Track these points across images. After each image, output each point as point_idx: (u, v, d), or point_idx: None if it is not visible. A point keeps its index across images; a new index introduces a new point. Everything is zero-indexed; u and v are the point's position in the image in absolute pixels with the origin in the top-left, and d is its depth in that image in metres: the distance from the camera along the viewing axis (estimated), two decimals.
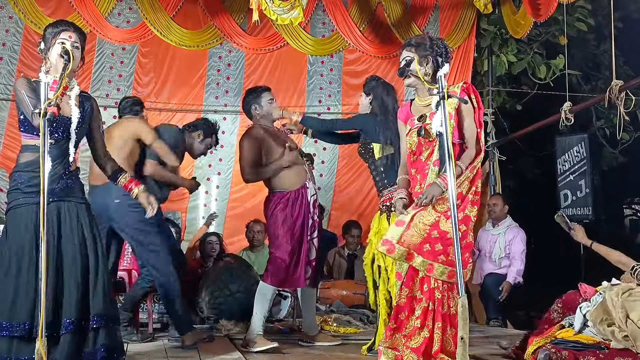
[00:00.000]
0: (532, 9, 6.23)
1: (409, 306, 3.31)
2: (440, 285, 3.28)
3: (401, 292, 3.34)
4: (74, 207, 3.15)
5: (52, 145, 3.06)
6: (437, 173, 3.34)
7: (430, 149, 3.39)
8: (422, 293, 3.31)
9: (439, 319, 3.25)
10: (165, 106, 7.37)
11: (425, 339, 3.23)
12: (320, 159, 7.65)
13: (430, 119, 3.36)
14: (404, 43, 3.60)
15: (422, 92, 3.49)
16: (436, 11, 7.65)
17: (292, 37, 7.37)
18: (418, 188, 3.40)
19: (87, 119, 3.22)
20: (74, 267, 3.06)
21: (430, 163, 3.39)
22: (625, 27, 7.80)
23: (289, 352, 4.22)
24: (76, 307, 3.00)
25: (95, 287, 3.07)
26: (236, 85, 7.53)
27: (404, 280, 3.34)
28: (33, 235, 3.00)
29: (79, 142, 3.23)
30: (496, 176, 7.43)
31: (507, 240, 6.26)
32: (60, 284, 3.02)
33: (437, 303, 3.27)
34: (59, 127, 3.10)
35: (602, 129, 7.90)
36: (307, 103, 7.64)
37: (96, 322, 3.03)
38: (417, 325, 3.26)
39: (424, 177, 3.39)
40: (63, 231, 3.10)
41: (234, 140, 7.55)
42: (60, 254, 3.06)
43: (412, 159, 3.48)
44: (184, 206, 7.29)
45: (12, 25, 6.92)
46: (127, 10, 7.23)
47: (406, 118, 3.55)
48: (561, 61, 7.27)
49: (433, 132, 3.31)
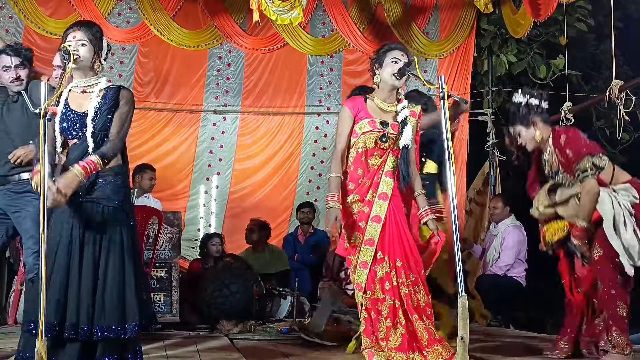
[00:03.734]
0: (532, 9, 6.24)
1: (374, 308, 3.38)
2: (405, 280, 3.34)
3: (365, 296, 3.42)
4: (101, 210, 3.02)
5: (75, 145, 3.05)
6: (390, 185, 3.43)
7: (383, 158, 3.46)
8: (383, 293, 3.37)
9: (412, 312, 3.32)
10: (165, 106, 7.37)
11: (403, 336, 3.30)
12: (319, 159, 7.66)
13: (392, 128, 3.45)
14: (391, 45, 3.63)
15: (390, 95, 3.53)
16: (436, 11, 7.65)
17: (292, 37, 7.37)
18: (370, 196, 3.45)
19: (106, 108, 3.08)
20: (89, 273, 2.96)
21: (382, 173, 3.46)
22: (625, 27, 7.81)
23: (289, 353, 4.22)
24: (85, 313, 2.92)
25: (102, 296, 2.95)
26: (236, 85, 7.54)
27: (364, 288, 3.42)
28: (67, 235, 2.97)
29: (103, 133, 3.06)
30: (496, 176, 7.43)
31: (502, 239, 6.26)
32: (73, 287, 2.94)
33: (405, 298, 3.34)
34: (74, 124, 3.05)
35: (602, 129, 7.89)
36: (307, 103, 7.65)
37: (99, 333, 2.92)
38: (388, 325, 3.33)
39: (376, 186, 3.46)
40: (87, 234, 2.99)
41: (234, 140, 7.57)
42: (82, 257, 2.98)
43: (361, 158, 3.51)
44: (183, 205, 7.30)
45: (12, 25, 6.92)
46: (127, 10, 7.23)
47: (358, 114, 3.54)
48: (561, 61, 7.27)
49: (401, 144, 3.41)
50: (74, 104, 3.12)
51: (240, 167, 7.60)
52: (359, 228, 3.43)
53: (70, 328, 2.90)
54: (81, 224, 3.00)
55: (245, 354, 4.10)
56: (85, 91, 3.12)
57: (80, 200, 3.00)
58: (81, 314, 2.92)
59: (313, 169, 7.67)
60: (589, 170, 3.54)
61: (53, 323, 2.87)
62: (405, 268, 3.37)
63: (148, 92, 7.29)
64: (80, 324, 2.91)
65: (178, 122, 7.43)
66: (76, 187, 2.88)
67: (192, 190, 7.47)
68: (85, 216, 3.00)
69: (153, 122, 7.32)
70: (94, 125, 3.04)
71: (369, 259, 3.39)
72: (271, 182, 7.58)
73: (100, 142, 3.04)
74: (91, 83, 3.14)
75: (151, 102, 7.27)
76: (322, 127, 7.69)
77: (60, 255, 2.96)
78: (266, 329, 5.15)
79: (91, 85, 3.13)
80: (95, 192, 3.04)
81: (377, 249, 3.38)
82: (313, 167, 7.66)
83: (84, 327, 2.91)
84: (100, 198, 3.03)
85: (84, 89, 3.13)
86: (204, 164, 7.51)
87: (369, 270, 3.38)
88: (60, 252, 2.96)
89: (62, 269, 2.94)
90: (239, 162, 7.59)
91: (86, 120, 3.03)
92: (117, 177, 3.10)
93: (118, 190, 3.08)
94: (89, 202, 3.02)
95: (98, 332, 2.92)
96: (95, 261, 2.98)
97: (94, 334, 2.92)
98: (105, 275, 2.98)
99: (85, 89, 3.13)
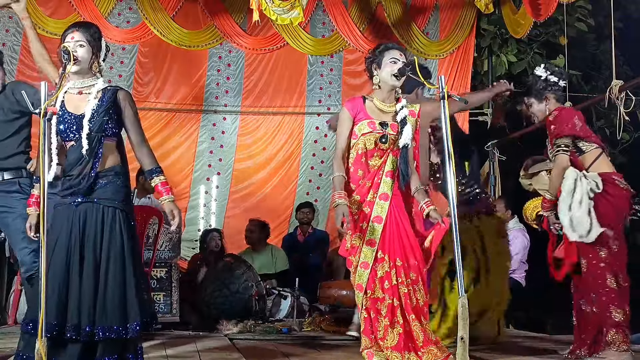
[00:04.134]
0: (532, 9, 6.24)
1: (373, 307, 3.37)
2: (404, 280, 3.34)
3: (365, 296, 3.40)
4: (101, 210, 2.99)
5: (73, 147, 3.03)
6: (390, 185, 3.42)
7: (383, 159, 3.45)
8: (383, 292, 3.37)
9: (410, 312, 3.31)
10: (165, 106, 7.37)
11: (400, 335, 3.30)
12: (319, 158, 7.67)
13: (392, 128, 3.44)
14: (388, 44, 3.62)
15: (389, 96, 3.52)
16: (436, 11, 7.65)
17: (292, 37, 7.37)
18: (371, 197, 3.44)
19: (103, 109, 3.04)
20: (90, 273, 2.94)
21: (382, 173, 3.45)
22: (625, 27, 7.81)
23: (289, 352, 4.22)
24: (86, 314, 2.90)
25: (104, 297, 2.94)
26: (236, 85, 7.54)
27: (365, 289, 3.40)
28: (66, 234, 2.96)
29: (100, 135, 3.03)
30: (496, 176, 7.43)
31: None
32: (74, 287, 2.93)
33: (404, 297, 3.33)
34: (71, 127, 3.03)
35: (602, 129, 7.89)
36: (307, 103, 7.66)
37: (101, 334, 2.91)
38: (386, 324, 3.33)
39: (377, 187, 3.45)
40: (87, 234, 2.98)
41: (234, 140, 7.57)
42: (82, 257, 2.96)
43: (362, 159, 3.50)
44: (184, 206, 7.30)
45: (12, 25, 6.93)
46: (127, 10, 7.24)
47: (357, 115, 3.52)
48: (561, 61, 7.27)
49: (400, 144, 3.39)
50: (71, 106, 3.07)
51: (241, 167, 7.60)
52: (359, 229, 3.43)
53: (71, 329, 2.88)
54: (81, 224, 2.98)
55: (245, 354, 4.10)
56: (82, 92, 3.09)
57: (80, 201, 2.99)
58: (82, 314, 2.90)
59: (313, 169, 7.67)
60: (563, 147, 3.69)
61: (53, 323, 2.85)
62: (405, 267, 3.37)
63: (148, 92, 7.30)
64: (82, 324, 2.89)
65: (178, 122, 7.43)
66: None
67: (193, 190, 7.48)
68: (85, 216, 2.99)
69: (153, 122, 7.32)
70: (90, 127, 3.00)
71: (370, 260, 3.38)
72: (271, 182, 7.58)
73: (96, 144, 3.01)
74: (88, 84, 3.10)
75: (151, 102, 7.28)
76: (322, 127, 7.69)
77: (59, 254, 2.95)
78: (266, 329, 5.15)
79: (88, 87, 3.10)
80: (96, 192, 3.02)
81: (377, 248, 3.38)
82: (313, 167, 7.67)
83: (85, 328, 2.89)
84: (100, 198, 3.01)
85: (81, 90, 3.10)
86: (204, 164, 7.51)
87: (369, 271, 3.38)
88: (59, 252, 2.95)
89: (61, 269, 2.93)
90: (239, 162, 7.60)
91: (83, 122, 3.00)
92: (118, 177, 3.08)
93: (118, 190, 3.07)
94: (89, 202, 3.00)
95: (100, 332, 2.90)
96: (96, 261, 2.96)
97: (95, 335, 2.90)
98: (107, 275, 2.96)
99: (82, 90, 3.10)
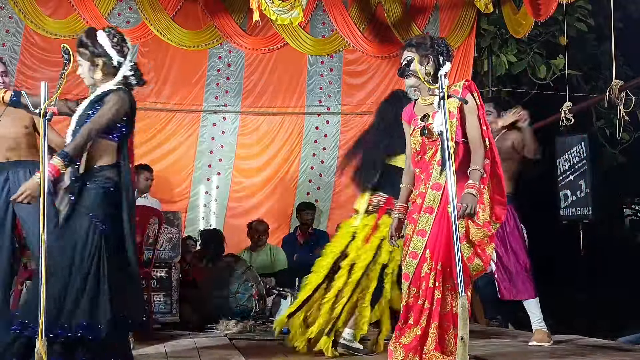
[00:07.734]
0: (533, 9, 6.23)
1: (415, 305, 3.29)
2: (441, 285, 3.27)
3: (409, 292, 3.31)
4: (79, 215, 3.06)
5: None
6: (439, 172, 3.34)
7: (434, 149, 3.38)
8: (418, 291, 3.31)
9: (435, 318, 3.22)
10: (165, 106, 7.37)
11: (416, 336, 3.22)
12: (319, 158, 7.66)
13: (432, 118, 3.35)
14: (404, 43, 3.58)
15: (424, 91, 3.48)
16: (436, 11, 7.65)
17: (292, 37, 7.37)
18: (423, 188, 3.38)
19: (88, 105, 3.16)
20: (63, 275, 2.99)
21: (434, 162, 3.37)
22: (625, 27, 7.80)
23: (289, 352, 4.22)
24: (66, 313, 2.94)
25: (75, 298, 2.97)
26: (236, 86, 7.54)
27: (411, 280, 3.32)
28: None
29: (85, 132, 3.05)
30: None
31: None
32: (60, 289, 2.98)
33: (435, 303, 3.25)
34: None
35: (602, 129, 7.89)
36: (307, 103, 7.65)
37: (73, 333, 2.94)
38: (411, 322, 3.27)
39: (429, 177, 3.37)
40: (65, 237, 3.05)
41: (234, 140, 7.57)
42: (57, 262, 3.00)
43: (416, 158, 3.46)
44: (184, 206, 7.30)
45: (12, 25, 6.92)
46: (127, 10, 7.22)
47: (410, 118, 3.52)
48: (561, 61, 7.27)
49: (435, 131, 3.29)
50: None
51: (241, 167, 7.60)
52: (411, 219, 3.40)
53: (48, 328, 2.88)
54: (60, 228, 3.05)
55: (245, 354, 4.10)
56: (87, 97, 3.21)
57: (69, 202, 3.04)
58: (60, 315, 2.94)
59: (313, 169, 7.67)
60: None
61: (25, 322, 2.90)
62: (447, 272, 3.26)
63: (148, 92, 7.28)
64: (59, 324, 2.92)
65: (178, 122, 7.43)
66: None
67: (193, 190, 7.47)
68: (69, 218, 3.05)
69: (153, 122, 7.32)
70: (76, 122, 3.12)
71: (419, 250, 3.29)
72: (272, 182, 7.58)
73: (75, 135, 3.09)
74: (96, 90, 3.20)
75: (151, 102, 7.27)
76: (322, 127, 7.69)
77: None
78: (266, 329, 5.15)
79: (94, 92, 3.20)
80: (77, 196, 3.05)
81: (426, 245, 3.33)
82: (313, 167, 7.66)
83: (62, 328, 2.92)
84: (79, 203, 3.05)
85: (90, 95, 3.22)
86: (204, 164, 7.50)
87: (418, 261, 3.33)
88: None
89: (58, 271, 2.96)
90: (239, 162, 7.59)
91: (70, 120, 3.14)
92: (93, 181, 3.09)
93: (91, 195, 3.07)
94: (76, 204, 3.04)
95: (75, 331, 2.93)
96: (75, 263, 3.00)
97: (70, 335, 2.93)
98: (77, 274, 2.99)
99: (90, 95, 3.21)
